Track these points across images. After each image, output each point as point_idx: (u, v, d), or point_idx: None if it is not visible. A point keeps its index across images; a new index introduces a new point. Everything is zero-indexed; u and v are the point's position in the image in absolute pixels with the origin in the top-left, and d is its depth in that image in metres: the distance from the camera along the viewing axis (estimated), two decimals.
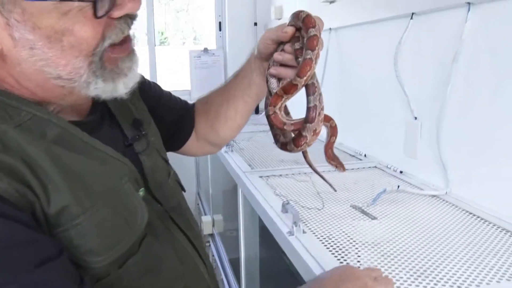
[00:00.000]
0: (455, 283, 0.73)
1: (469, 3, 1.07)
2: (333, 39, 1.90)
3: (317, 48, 0.71)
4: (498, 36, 1.01)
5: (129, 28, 0.63)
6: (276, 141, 0.86)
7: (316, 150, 0.91)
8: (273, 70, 0.81)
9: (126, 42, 0.64)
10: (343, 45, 1.84)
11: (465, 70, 1.11)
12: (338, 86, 1.88)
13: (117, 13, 0.59)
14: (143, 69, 0.79)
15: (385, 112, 1.52)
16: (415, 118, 1.33)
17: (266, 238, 1.99)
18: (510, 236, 0.91)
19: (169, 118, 0.99)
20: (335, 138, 0.89)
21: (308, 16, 0.74)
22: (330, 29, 1.90)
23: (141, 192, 0.68)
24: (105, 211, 0.59)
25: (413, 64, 1.33)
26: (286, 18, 0.79)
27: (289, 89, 0.75)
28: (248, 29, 2.99)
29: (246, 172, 1.42)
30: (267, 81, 0.83)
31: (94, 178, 0.60)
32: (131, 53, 0.66)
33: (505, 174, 1.01)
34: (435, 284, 0.72)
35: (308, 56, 0.71)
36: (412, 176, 1.34)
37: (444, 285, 0.72)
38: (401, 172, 1.38)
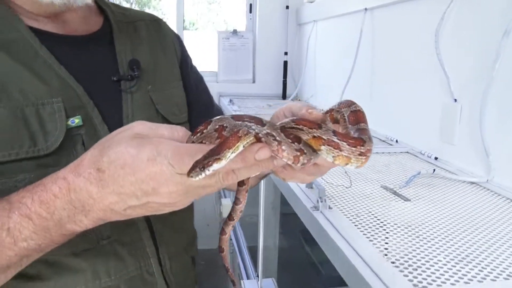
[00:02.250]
0: (504, 271, 0.64)
1: None
2: (368, 19, 1.80)
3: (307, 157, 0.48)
4: None
5: None
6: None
7: None
8: None
9: None
10: (378, 26, 1.74)
11: None
12: (369, 70, 1.78)
13: None
14: None
15: (421, 94, 1.41)
16: (455, 100, 1.23)
17: (287, 226, 1.92)
18: None
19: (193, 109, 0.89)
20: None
21: (359, 111, 0.54)
22: (365, 9, 1.80)
23: (77, 119, 0.64)
24: (9, 114, 0.59)
25: (457, 41, 1.22)
26: (319, 2, 0.69)
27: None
28: (279, 12, 2.90)
29: None
30: None
31: (16, 83, 0.61)
32: None
33: None
34: (480, 271, 0.63)
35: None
36: (448, 163, 1.24)
37: (491, 272, 0.63)
38: (436, 158, 1.28)
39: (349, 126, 0.52)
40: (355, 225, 0.78)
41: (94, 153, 0.49)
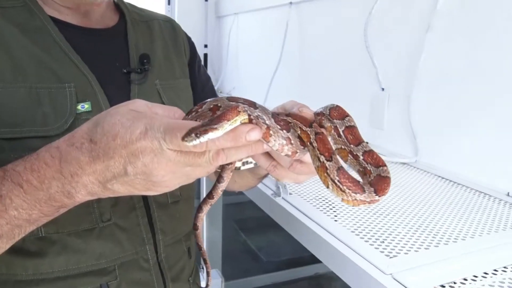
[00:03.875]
0: (450, 236, 0.73)
1: None
2: (294, 13, 1.87)
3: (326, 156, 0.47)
4: (474, 8, 1.03)
5: None
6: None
7: None
8: None
9: None
10: (305, 20, 1.82)
11: (440, 41, 1.13)
12: (297, 62, 1.86)
13: None
14: None
15: (350, 85, 1.52)
16: (382, 89, 1.35)
17: (225, 216, 1.95)
18: (483, 196, 0.94)
19: None
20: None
21: (354, 127, 0.52)
22: (290, 3, 1.88)
23: (86, 105, 0.68)
24: (24, 93, 0.63)
25: (385, 35, 1.33)
26: None
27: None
28: (198, 5, 2.89)
29: None
30: None
31: (33, 66, 0.65)
32: None
33: (476, 143, 1.04)
34: (434, 237, 0.73)
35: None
36: (378, 146, 1.35)
37: (441, 238, 0.72)
38: (366, 142, 1.39)
39: (351, 146, 0.51)
40: (317, 208, 0.84)
41: (89, 124, 0.50)
